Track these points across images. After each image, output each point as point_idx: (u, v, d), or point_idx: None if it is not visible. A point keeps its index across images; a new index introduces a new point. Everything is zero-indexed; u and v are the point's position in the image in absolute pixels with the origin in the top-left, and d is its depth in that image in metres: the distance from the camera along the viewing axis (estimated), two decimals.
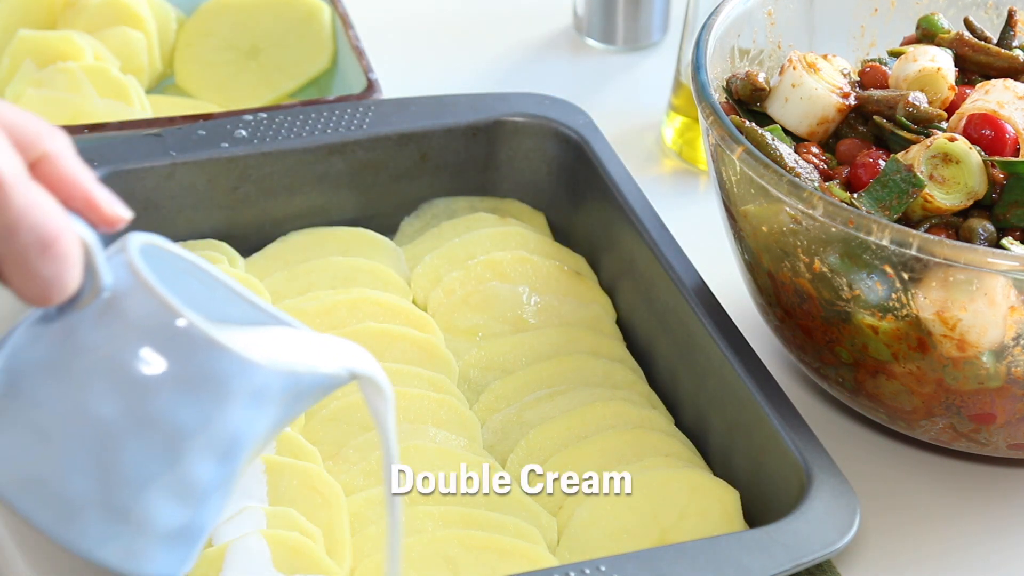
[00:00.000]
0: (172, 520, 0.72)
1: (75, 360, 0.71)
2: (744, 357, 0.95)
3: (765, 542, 0.84)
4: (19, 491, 0.71)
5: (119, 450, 0.71)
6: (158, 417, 0.71)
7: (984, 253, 0.86)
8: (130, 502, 0.71)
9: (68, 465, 0.71)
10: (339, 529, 0.89)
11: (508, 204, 1.14)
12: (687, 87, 1.25)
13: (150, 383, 0.70)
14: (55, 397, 0.71)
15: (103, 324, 0.71)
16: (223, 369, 0.71)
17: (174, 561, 0.73)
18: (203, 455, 0.72)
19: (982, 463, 1.01)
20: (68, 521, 0.71)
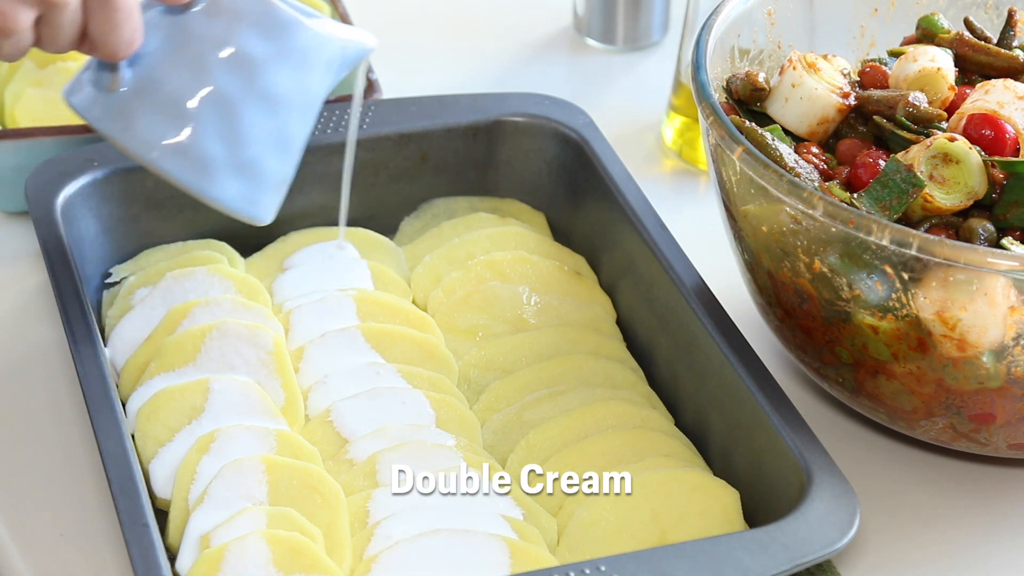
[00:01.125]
0: (276, 171, 0.96)
1: (195, 48, 0.92)
2: (744, 357, 0.95)
3: (765, 542, 0.84)
4: (166, 159, 0.93)
5: (239, 116, 0.93)
6: (267, 87, 0.93)
7: (984, 253, 0.86)
8: (250, 157, 0.94)
9: (202, 132, 0.92)
10: (339, 529, 0.89)
11: (508, 204, 1.14)
12: (687, 87, 1.25)
13: (258, 59, 0.93)
14: (184, 80, 0.92)
15: (212, 18, 0.92)
16: (306, 43, 0.94)
17: (273, 205, 0.97)
18: (294, 115, 0.95)
19: (982, 463, 1.01)
20: (208, 179, 0.93)
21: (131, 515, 0.85)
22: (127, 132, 0.92)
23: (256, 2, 0.93)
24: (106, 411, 0.90)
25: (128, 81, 0.92)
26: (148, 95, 0.92)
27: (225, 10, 0.93)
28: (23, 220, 1.15)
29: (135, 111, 0.92)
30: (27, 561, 0.92)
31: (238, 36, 0.93)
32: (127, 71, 0.92)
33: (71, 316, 0.97)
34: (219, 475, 0.91)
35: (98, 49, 0.90)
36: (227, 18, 0.93)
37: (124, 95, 0.92)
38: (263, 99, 0.93)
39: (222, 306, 1.01)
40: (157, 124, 0.92)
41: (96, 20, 0.88)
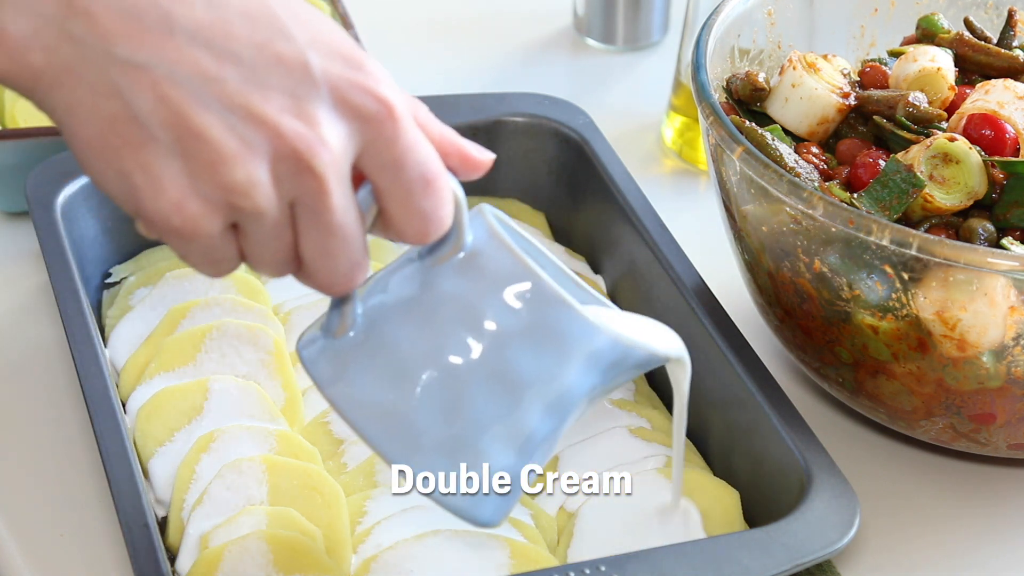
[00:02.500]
0: (503, 466, 0.78)
1: (434, 307, 0.77)
2: (744, 357, 0.95)
3: (765, 542, 0.84)
4: (372, 422, 0.76)
5: (468, 392, 0.76)
6: (507, 366, 0.77)
7: (984, 253, 0.86)
8: (471, 443, 0.77)
9: (420, 402, 0.76)
10: (339, 529, 0.89)
11: (508, 204, 1.14)
12: (687, 87, 1.25)
13: (504, 333, 0.77)
14: (414, 339, 0.77)
15: (463, 276, 0.77)
16: (569, 329, 0.77)
17: (498, 509, 0.78)
18: (538, 407, 0.77)
19: (982, 463, 1.01)
20: (415, 455, 0.76)
21: (131, 515, 0.85)
22: (337, 384, 0.77)
23: (519, 269, 0.77)
24: (106, 411, 0.90)
25: (358, 328, 0.77)
26: (373, 348, 0.77)
27: (481, 269, 0.77)
28: (23, 220, 1.15)
29: (355, 363, 0.77)
30: (27, 561, 0.92)
31: (487, 300, 0.77)
32: (359, 317, 0.77)
33: (71, 316, 0.97)
34: (219, 475, 0.91)
35: (312, 277, 0.73)
36: (481, 278, 0.77)
37: (348, 342, 0.77)
38: (499, 378, 0.77)
39: (222, 306, 1.01)
40: (374, 383, 0.77)
41: (307, 241, 0.71)
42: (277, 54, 0.69)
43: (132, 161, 0.68)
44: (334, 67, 0.70)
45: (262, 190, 0.69)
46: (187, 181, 0.68)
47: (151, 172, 0.68)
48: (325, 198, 0.70)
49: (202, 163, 0.68)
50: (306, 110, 0.69)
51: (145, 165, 0.68)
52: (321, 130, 0.69)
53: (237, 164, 0.68)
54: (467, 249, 0.77)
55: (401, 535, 0.89)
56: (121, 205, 0.70)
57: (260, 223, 0.70)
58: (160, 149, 0.68)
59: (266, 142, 0.68)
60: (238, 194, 0.68)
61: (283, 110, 0.68)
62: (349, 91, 0.70)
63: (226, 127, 0.68)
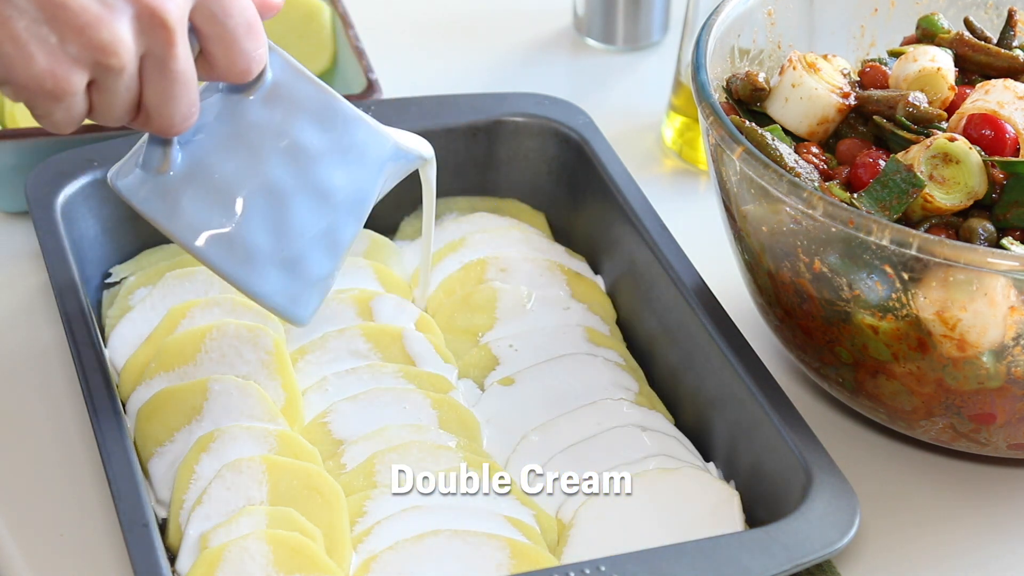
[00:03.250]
0: (321, 270, 0.90)
1: (250, 135, 0.88)
2: (744, 357, 0.95)
3: (765, 542, 0.84)
4: (210, 247, 0.87)
5: (290, 209, 0.88)
6: (319, 180, 0.89)
7: (984, 253, 0.86)
8: (296, 253, 0.89)
9: (248, 221, 0.87)
10: (339, 529, 0.89)
11: (508, 204, 1.14)
12: (687, 87, 1.25)
13: (313, 151, 0.88)
14: (236, 167, 0.87)
15: (271, 105, 0.88)
16: (364, 139, 0.90)
17: (314, 306, 0.92)
18: (344, 212, 0.90)
19: (982, 463, 1.01)
20: (251, 270, 0.88)
21: (131, 515, 0.85)
22: (172, 217, 0.87)
23: (317, 93, 0.89)
24: (106, 411, 0.90)
25: (178, 164, 0.87)
26: (198, 180, 0.87)
27: (284, 98, 0.88)
28: (23, 220, 1.15)
29: (183, 195, 0.87)
30: (27, 561, 0.92)
31: (295, 126, 0.88)
32: (178, 154, 0.87)
33: (71, 316, 0.97)
34: (219, 475, 0.91)
35: (152, 122, 0.83)
36: (286, 107, 0.88)
37: (173, 178, 0.87)
38: (315, 193, 0.89)
39: (222, 306, 1.02)
40: (204, 210, 0.87)
41: (153, 90, 0.81)
42: None
43: (1, 34, 0.75)
44: None
45: (125, 45, 0.78)
46: (56, 46, 0.76)
47: (20, 42, 0.76)
48: (173, 48, 0.79)
49: (70, 27, 0.76)
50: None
51: (13, 36, 0.76)
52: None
53: (102, 25, 0.77)
54: (269, 82, 0.88)
55: (401, 535, 0.89)
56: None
57: (119, 77, 0.79)
58: (26, 20, 0.76)
59: (125, 3, 0.77)
60: (106, 52, 0.77)
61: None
62: None
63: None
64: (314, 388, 0.99)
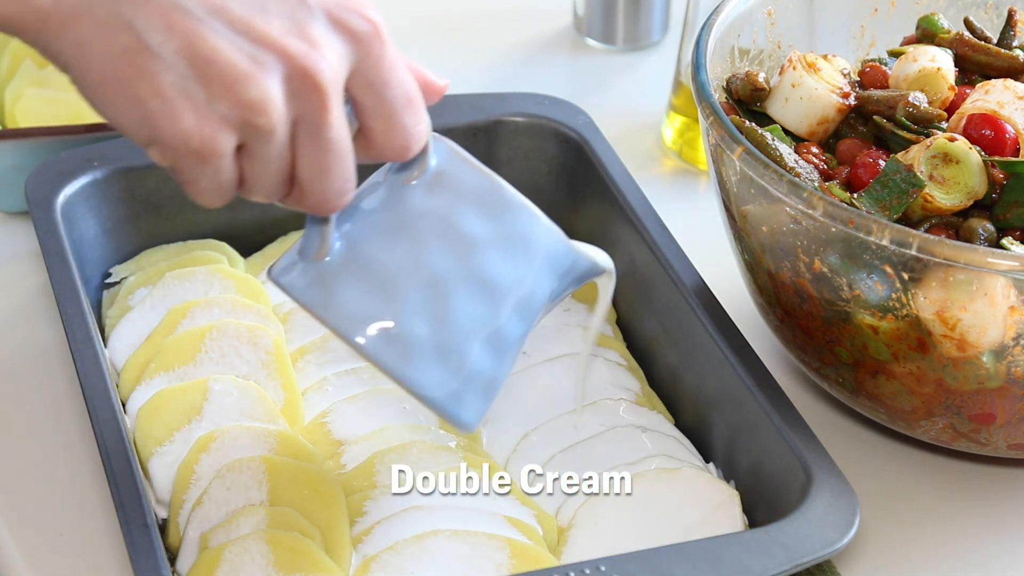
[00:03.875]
0: (484, 367, 0.84)
1: (411, 223, 0.83)
2: (744, 357, 0.95)
3: (765, 542, 0.84)
4: (367, 337, 0.82)
5: (451, 300, 0.83)
6: (483, 271, 0.84)
7: (984, 253, 0.86)
8: (458, 347, 0.83)
9: (408, 312, 0.82)
10: (339, 529, 0.89)
11: None
12: (687, 87, 1.25)
13: (478, 241, 0.84)
14: (395, 255, 0.83)
15: (434, 192, 0.84)
16: (532, 233, 0.85)
17: (476, 409, 0.85)
18: (512, 309, 0.85)
19: (982, 463, 1.01)
20: (408, 362, 0.82)
21: (131, 515, 0.85)
22: (329, 306, 0.82)
23: (483, 180, 0.85)
24: (106, 411, 0.90)
25: (336, 251, 0.82)
26: (357, 267, 0.82)
27: (448, 185, 0.84)
28: (23, 220, 1.15)
29: (340, 283, 0.82)
30: (27, 561, 0.92)
31: (459, 214, 0.84)
32: (336, 240, 0.82)
33: (71, 316, 0.97)
34: (219, 475, 0.91)
35: (305, 197, 0.77)
36: (450, 193, 0.84)
37: (330, 264, 0.82)
38: (478, 285, 0.84)
39: (222, 306, 1.01)
40: (363, 300, 0.82)
41: (306, 159, 0.76)
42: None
43: (147, 89, 0.72)
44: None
45: (275, 105, 0.73)
46: (203, 103, 0.72)
47: (167, 98, 0.72)
48: (326, 114, 0.75)
49: (218, 84, 0.72)
50: (306, 31, 0.74)
51: (160, 91, 0.72)
52: (322, 48, 0.74)
53: (251, 82, 0.73)
54: (433, 168, 0.84)
55: (401, 535, 0.89)
56: (134, 136, 0.74)
57: (270, 141, 0.74)
58: (174, 76, 0.72)
59: (275, 61, 0.73)
60: (255, 111, 0.73)
61: (286, 32, 0.74)
62: (341, 12, 0.76)
63: (236, 49, 0.72)
64: (314, 388, 0.99)
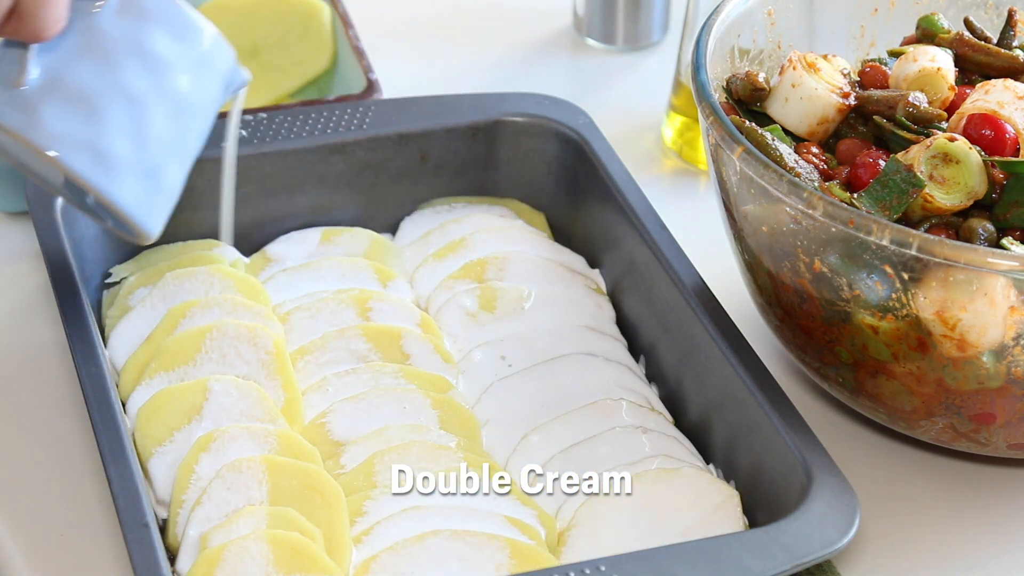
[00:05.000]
0: (174, 181, 0.93)
1: (105, 45, 0.89)
2: (744, 357, 0.95)
3: (765, 542, 0.84)
4: (71, 154, 0.88)
5: (148, 118, 0.90)
6: (172, 88, 0.91)
7: (984, 253, 0.86)
8: (156, 162, 0.91)
9: (111, 131, 0.89)
10: (339, 529, 0.89)
11: (508, 204, 1.14)
12: (687, 87, 1.25)
13: (166, 60, 0.91)
14: (93, 77, 0.89)
15: (124, 15, 0.90)
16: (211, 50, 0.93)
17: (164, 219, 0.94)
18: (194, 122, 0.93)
19: (982, 463, 1.01)
20: (113, 179, 0.89)
21: (131, 515, 0.85)
22: (32, 127, 0.88)
23: (166, 3, 0.92)
24: (106, 411, 0.90)
25: (36, 77, 0.88)
26: (56, 90, 0.88)
27: (135, 9, 0.91)
28: (23, 220, 1.15)
29: (42, 106, 0.88)
30: (27, 561, 0.92)
31: (149, 35, 0.91)
32: (35, 67, 0.88)
33: (71, 316, 0.97)
34: (219, 475, 0.91)
35: (24, 26, 0.84)
36: (137, 16, 0.91)
37: (31, 90, 0.88)
38: (170, 101, 0.91)
39: (222, 306, 1.01)
40: (64, 120, 0.88)
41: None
42: None
43: None
44: None
45: None
46: None
47: None
48: None
49: None
50: None
51: None
52: None
53: None
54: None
55: (401, 535, 0.89)
56: None
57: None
58: None
59: None
60: None
61: None
62: None
63: None
64: (314, 388, 0.99)
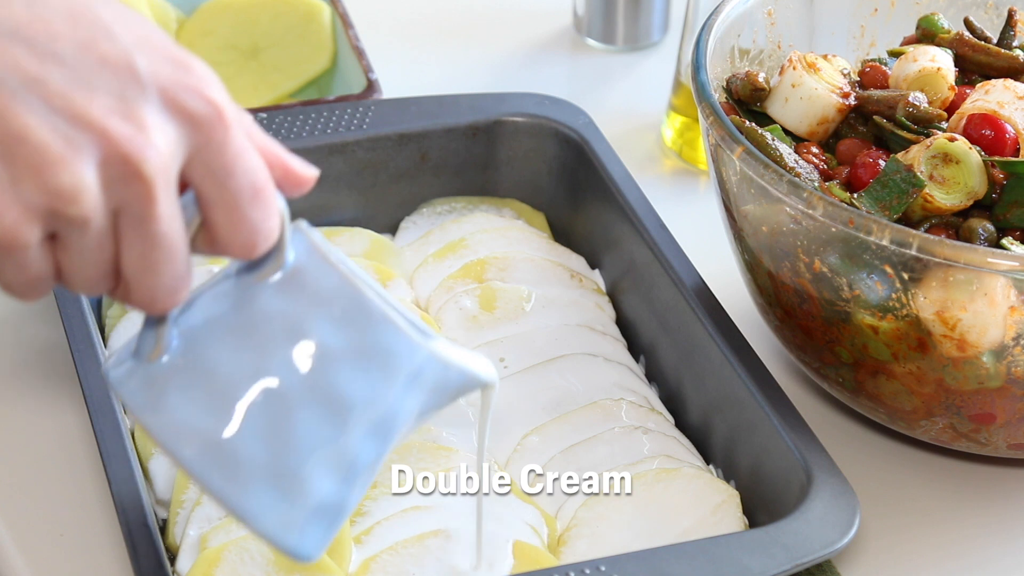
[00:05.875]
0: (327, 494, 0.74)
1: (256, 326, 0.73)
2: (744, 357, 0.95)
3: (765, 542, 0.84)
4: (193, 452, 0.72)
5: (292, 416, 0.73)
6: (331, 386, 0.73)
7: (984, 253, 0.86)
8: (296, 471, 0.73)
9: (243, 428, 0.72)
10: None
11: (508, 204, 1.14)
12: (687, 87, 1.25)
13: (328, 353, 0.73)
14: (234, 361, 0.72)
15: (286, 294, 0.73)
16: (392, 347, 0.74)
17: (318, 538, 0.74)
18: (363, 430, 0.74)
19: (982, 463, 1.01)
20: (236, 484, 0.72)
21: (131, 515, 0.85)
22: (154, 411, 0.73)
23: (343, 284, 0.74)
24: (106, 411, 0.90)
25: (173, 351, 0.73)
26: (191, 372, 0.73)
27: (304, 288, 0.74)
28: None
29: (171, 387, 0.73)
30: (27, 561, 0.92)
31: (312, 321, 0.74)
32: (172, 340, 0.73)
33: (71, 316, 0.97)
34: None
35: (133, 293, 0.69)
36: (304, 297, 0.74)
37: (163, 367, 0.73)
38: (324, 400, 0.73)
39: None
40: (191, 408, 0.73)
41: (130, 254, 0.67)
42: (102, 54, 0.65)
43: None
44: (162, 68, 0.66)
45: (89, 195, 0.64)
46: (7, 187, 0.63)
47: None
48: (152, 206, 0.66)
49: (25, 166, 0.63)
50: (134, 112, 0.65)
51: None
52: (150, 133, 0.65)
53: (63, 167, 0.64)
54: (289, 266, 0.74)
55: (401, 535, 0.89)
56: None
57: (84, 232, 0.65)
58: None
59: (93, 144, 0.64)
60: (64, 199, 0.64)
61: (110, 112, 0.65)
62: (178, 92, 0.67)
63: (50, 128, 0.63)
64: None
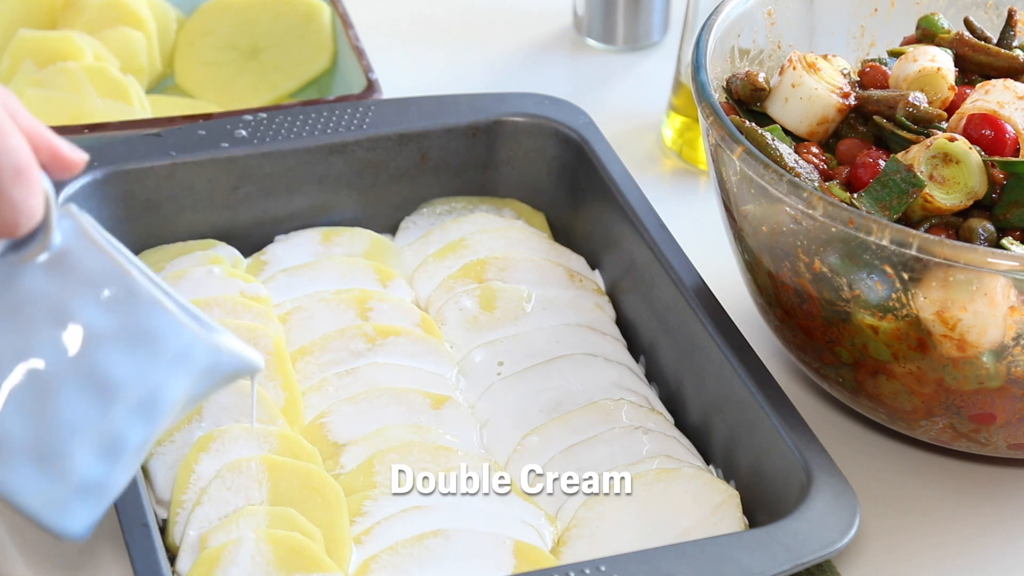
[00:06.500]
0: (91, 473, 0.74)
1: (20, 307, 0.73)
2: (744, 357, 0.95)
3: (765, 542, 0.84)
4: None
5: (56, 397, 0.73)
6: (96, 367, 0.74)
7: (984, 253, 0.86)
8: (60, 449, 0.73)
9: (5, 408, 0.73)
10: (339, 529, 0.89)
11: (508, 204, 1.14)
12: (687, 87, 1.25)
13: (94, 334, 0.74)
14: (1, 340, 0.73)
15: (52, 275, 0.73)
16: (159, 329, 0.75)
17: (83, 519, 0.75)
18: (127, 410, 0.75)
19: (982, 463, 1.01)
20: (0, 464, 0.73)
21: (131, 515, 0.85)
22: None
23: (110, 266, 0.74)
24: None
25: None
26: None
27: (70, 269, 0.74)
28: None
29: None
30: (27, 561, 0.92)
31: (76, 302, 0.74)
32: None
33: None
34: (219, 475, 0.91)
35: None
36: (71, 278, 0.74)
37: None
38: (88, 380, 0.74)
39: (222, 306, 1.01)
40: None
41: None
42: None
43: None
44: None
45: None
46: None
47: None
48: None
49: None
50: None
51: None
52: None
53: None
54: (55, 247, 0.74)
55: (401, 535, 0.89)
56: None
57: None
58: None
59: None
60: None
61: None
62: None
63: None
64: (314, 388, 0.99)
